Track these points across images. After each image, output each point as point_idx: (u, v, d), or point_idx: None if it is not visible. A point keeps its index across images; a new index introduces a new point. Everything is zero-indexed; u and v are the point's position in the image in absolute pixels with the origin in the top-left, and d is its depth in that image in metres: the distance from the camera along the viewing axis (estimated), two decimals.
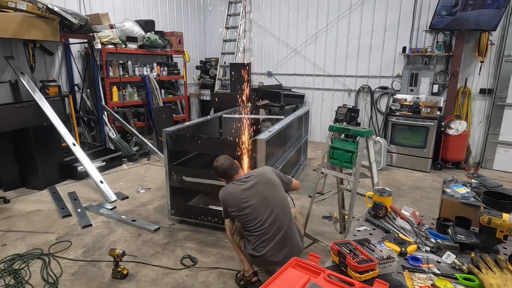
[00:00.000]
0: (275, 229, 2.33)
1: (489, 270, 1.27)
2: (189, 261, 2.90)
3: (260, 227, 2.32)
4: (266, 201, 2.35)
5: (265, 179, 2.44)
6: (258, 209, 2.33)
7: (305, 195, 4.34)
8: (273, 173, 2.52)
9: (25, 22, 4.17)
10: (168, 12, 7.28)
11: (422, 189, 4.68)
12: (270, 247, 2.31)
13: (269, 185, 2.42)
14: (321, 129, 7.24)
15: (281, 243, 2.34)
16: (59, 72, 5.46)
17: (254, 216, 2.33)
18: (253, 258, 2.40)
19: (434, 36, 5.73)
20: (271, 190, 2.41)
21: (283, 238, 2.34)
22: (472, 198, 2.24)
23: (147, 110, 6.25)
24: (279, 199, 2.42)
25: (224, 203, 2.44)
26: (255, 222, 2.33)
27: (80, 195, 4.23)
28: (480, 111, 5.62)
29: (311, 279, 1.19)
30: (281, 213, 2.38)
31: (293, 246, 2.39)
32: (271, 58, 7.52)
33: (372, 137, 2.69)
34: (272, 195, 2.39)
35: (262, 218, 2.32)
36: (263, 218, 2.32)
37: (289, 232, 2.38)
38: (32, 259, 2.87)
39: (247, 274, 2.52)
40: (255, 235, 2.34)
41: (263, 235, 2.32)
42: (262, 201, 2.34)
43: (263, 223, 2.32)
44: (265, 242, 2.32)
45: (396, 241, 1.55)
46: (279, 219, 2.35)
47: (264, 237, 2.32)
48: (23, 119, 4.18)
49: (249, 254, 2.40)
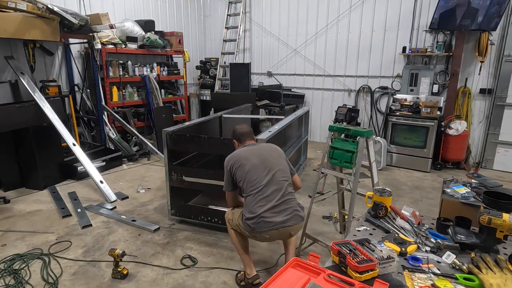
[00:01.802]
0: (272, 190, 2.34)
1: (489, 270, 1.27)
2: (189, 261, 2.90)
3: (257, 184, 2.34)
4: (267, 163, 2.43)
5: (273, 148, 2.60)
6: (257, 168, 2.39)
7: (305, 195, 4.34)
8: (282, 154, 2.61)
9: (25, 22, 4.17)
10: (168, 12, 7.28)
11: (422, 189, 4.68)
12: (267, 207, 2.29)
13: (274, 153, 2.53)
14: (321, 129, 7.24)
15: (279, 206, 2.33)
16: (59, 72, 5.46)
17: (253, 173, 2.37)
18: (249, 222, 2.33)
19: (434, 36, 5.73)
20: (274, 156, 2.51)
21: (281, 202, 2.34)
22: (472, 198, 2.24)
23: (147, 110, 6.25)
24: (280, 164, 2.47)
25: (228, 165, 2.48)
26: (253, 179, 2.36)
27: (80, 195, 4.23)
28: (480, 111, 5.62)
29: (311, 279, 1.19)
30: (280, 177, 2.40)
31: (293, 211, 2.37)
32: (271, 58, 7.52)
33: (372, 137, 2.69)
34: (274, 160, 2.47)
35: (260, 176, 2.36)
36: (261, 177, 2.36)
37: (287, 197, 2.38)
38: (32, 259, 2.87)
39: (249, 276, 2.51)
40: (253, 193, 2.34)
41: (260, 193, 2.32)
42: (263, 162, 2.42)
43: (260, 181, 2.34)
44: (262, 201, 2.31)
45: (396, 241, 1.55)
46: (278, 182, 2.38)
47: (261, 196, 2.32)
48: (23, 119, 4.18)
49: (246, 219, 2.35)
